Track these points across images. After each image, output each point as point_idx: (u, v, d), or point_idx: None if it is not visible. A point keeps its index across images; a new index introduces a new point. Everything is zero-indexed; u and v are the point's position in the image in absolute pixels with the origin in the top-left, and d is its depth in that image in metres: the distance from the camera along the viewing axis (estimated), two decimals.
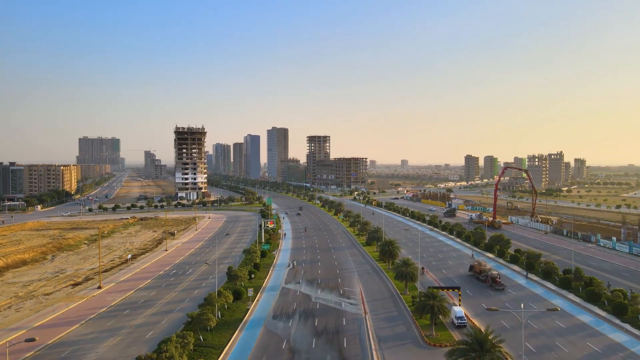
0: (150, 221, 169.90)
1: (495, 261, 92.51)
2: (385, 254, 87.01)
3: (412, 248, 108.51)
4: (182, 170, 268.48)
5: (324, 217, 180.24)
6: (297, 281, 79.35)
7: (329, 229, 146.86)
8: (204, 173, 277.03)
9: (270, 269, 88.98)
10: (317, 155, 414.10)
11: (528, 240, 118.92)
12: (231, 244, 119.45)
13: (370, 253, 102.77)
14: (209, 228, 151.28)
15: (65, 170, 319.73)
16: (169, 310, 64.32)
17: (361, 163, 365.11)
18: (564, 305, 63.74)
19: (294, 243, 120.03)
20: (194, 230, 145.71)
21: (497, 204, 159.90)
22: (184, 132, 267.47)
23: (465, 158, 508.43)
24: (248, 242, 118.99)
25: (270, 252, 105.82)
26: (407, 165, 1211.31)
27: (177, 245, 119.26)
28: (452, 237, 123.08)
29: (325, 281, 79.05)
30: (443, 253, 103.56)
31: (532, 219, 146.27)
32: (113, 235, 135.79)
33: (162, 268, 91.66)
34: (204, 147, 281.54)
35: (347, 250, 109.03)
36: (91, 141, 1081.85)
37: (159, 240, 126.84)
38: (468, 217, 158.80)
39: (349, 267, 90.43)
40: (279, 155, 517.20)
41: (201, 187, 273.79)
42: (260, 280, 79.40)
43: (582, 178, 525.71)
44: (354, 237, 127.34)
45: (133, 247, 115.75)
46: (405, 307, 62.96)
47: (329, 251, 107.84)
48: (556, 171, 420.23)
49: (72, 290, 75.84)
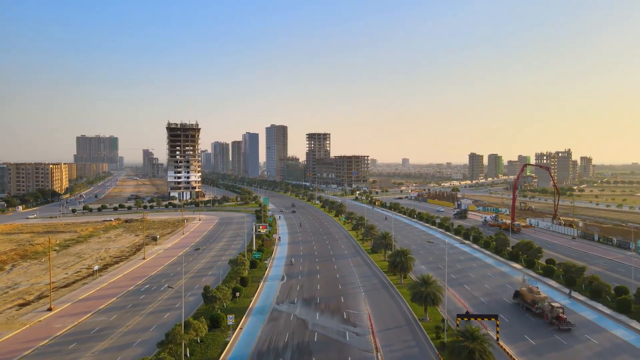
0: (135, 223, 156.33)
1: (524, 273, 78.97)
2: (397, 266, 73.29)
3: (425, 256, 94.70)
4: (175, 169, 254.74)
5: (323, 218, 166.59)
6: (291, 301, 65.66)
7: (329, 232, 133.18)
8: (198, 171, 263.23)
9: (260, 282, 75.42)
10: (317, 153, 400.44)
11: (555, 247, 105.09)
12: (219, 251, 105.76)
13: (377, 263, 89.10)
14: (198, 231, 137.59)
15: (54, 168, 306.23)
16: (125, 345, 50.57)
17: (362, 161, 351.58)
18: (632, 338, 50.09)
19: (290, 249, 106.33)
20: (180, 235, 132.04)
21: (509, 204, 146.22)
22: (176, 128, 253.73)
23: (469, 156, 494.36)
24: (239, 249, 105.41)
25: (263, 260, 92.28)
26: (408, 163, 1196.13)
27: (158, 252, 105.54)
28: (467, 243, 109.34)
29: (326, 300, 65.41)
30: (461, 263, 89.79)
31: (554, 222, 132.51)
32: (89, 240, 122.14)
33: (133, 282, 77.99)
34: (198, 144, 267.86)
35: (350, 258, 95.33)
36: (89, 140, 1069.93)
37: (139, 246, 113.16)
38: (482, 219, 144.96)
39: (353, 280, 76.78)
40: (277, 153, 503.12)
41: (195, 186, 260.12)
42: (246, 300, 65.69)
43: (588, 177, 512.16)
44: (358, 242, 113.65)
45: (107, 255, 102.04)
46: (428, 341, 49.23)
47: (329, 260, 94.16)
48: (564, 170, 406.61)
49: (17, 312, 62.17)
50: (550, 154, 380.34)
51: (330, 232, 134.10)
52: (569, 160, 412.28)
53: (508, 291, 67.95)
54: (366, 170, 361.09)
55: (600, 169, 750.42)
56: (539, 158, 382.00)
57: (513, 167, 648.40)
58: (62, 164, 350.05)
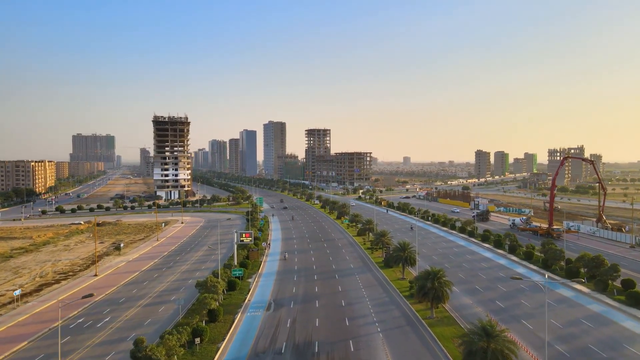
0: (108, 227, 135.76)
1: (592, 297, 58.53)
2: (427, 294, 52.35)
3: (453, 272, 73.92)
4: (162, 166, 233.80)
5: (324, 221, 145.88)
6: (276, 350, 44.97)
7: (331, 238, 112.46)
8: (188, 169, 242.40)
9: (238, 313, 54.88)
10: (316, 150, 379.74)
11: (612, 259, 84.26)
12: (194, 264, 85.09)
13: (394, 282, 68.47)
14: (176, 237, 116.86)
15: (36, 166, 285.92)
16: None
17: (364, 158, 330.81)
18: None
19: (282, 264, 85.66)
20: (153, 241, 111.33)
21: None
22: (163, 122, 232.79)
23: (476, 154, 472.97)
24: (219, 261, 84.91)
25: (246, 278, 71.79)
26: (410, 162, 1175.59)
27: (118, 266, 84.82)
28: (501, 253, 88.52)
29: (328, 348, 44.77)
30: (504, 283, 68.82)
31: (599, 225, 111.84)
32: (41, 249, 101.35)
33: (63, 314, 57.24)
34: (188, 139, 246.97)
35: (357, 275, 74.64)
36: (85, 138, 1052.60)
37: (98, 257, 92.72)
38: (509, 222, 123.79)
39: (365, 311, 56.05)
40: (275, 151, 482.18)
41: (184, 184, 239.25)
42: (210, 349, 44.97)
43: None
44: (366, 252, 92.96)
45: (52, 270, 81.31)
46: None
47: (331, 277, 73.48)
48: (577, 167, 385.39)
49: None
50: (563, 151, 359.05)
51: (331, 237, 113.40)
52: None
53: (594, 334, 47.35)
54: (369, 168, 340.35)
55: (608, 167, 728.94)
56: (551, 154, 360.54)
57: (519, 165, 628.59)
58: (46, 161, 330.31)
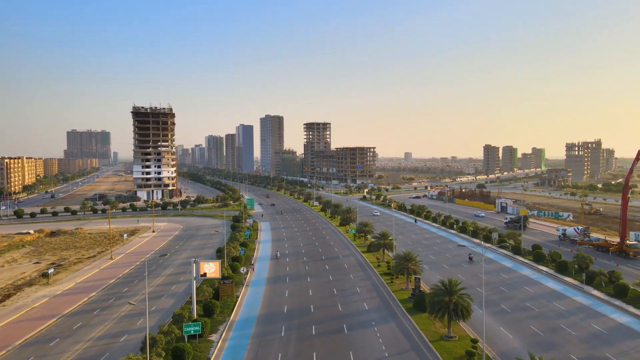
0: (61, 238, 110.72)
1: None
2: None
3: (541, 328, 48.92)
4: (143, 163, 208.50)
5: (324, 228, 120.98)
6: None
7: (334, 255, 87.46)
8: (172, 166, 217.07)
9: None
10: (315, 145, 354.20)
11: None
12: (141, 303, 59.88)
13: (438, 344, 43.60)
14: (136, 254, 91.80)
15: (12, 163, 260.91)
16: None
17: (367, 153, 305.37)
18: None
19: (267, 301, 60.75)
20: (106, 260, 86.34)
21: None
22: (144, 113, 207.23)
23: (484, 148, 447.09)
24: (182, 295, 60.19)
25: (210, 332, 47.11)
26: (411, 157, 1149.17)
27: (34, 305, 59.67)
28: (574, 285, 63.60)
29: None
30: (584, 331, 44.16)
31: None
32: None
33: None
34: (173, 133, 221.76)
35: (377, 326, 49.59)
36: (80, 134, 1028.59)
37: (18, 286, 67.95)
38: (558, 233, 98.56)
39: None
40: (273, 146, 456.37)
41: (168, 183, 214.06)
42: None
43: (612, 170, 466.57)
44: (382, 279, 68.03)
45: None
46: None
47: (338, 330, 48.49)
48: (594, 163, 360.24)
49: None
50: (581, 144, 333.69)
51: (334, 253, 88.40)
52: (599, 153, 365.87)
53: None
54: (372, 164, 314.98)
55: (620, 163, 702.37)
56: (569, 149, 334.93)
57: (527, 160, 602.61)
58: (24, 157, 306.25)
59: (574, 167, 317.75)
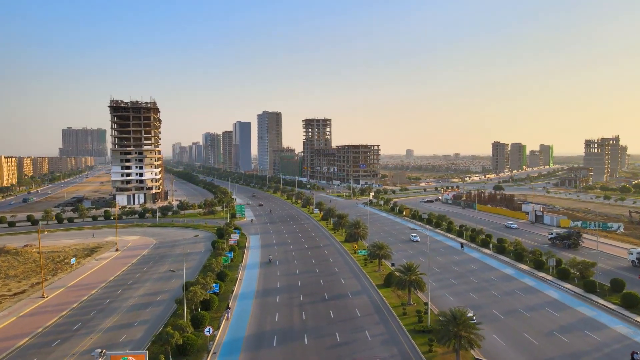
0: (4, 258, 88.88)
1: None
2: None
3: None
4: (122, 163, 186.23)
5: (326, 246, 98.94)
6: None
7: (341, 291, 65.43)
8: (157, 166, 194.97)
9: None
10: (315, 142, 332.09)
11: None
12: None
13: None
14: (79, 288, 69.72)
15: None
16: None
17: (371, 152, 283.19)
18: None
19: None
20: (35, 299, 64.36)
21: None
22: (124, 107, 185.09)
23: (493, 145, 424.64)
24: None
25: None
26: (413, 155, 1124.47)
27: None
28: None
29: None
30: None
31: None
32: None
33: None
34: (158, 130, 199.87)
35: None
36: (75, 132, 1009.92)
37: None
38: (630, 258, 76.49)
39: None
40: (270, 144, 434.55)
41: (151, 186, 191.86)
42: None
43: (626, 168, 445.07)
44: (408, 334, 46.10)
45: None
46: None
47: None
48: (614, 161, 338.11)
49: None
50: (601, 141, 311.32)
51: (341, 288, 66.32)
52: (618, 150, 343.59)
53: None
54: (376, 163, 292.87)
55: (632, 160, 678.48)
56: (588, 146, 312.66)
57: (535, 158, 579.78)
58: (2, 156, 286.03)
59: (596, 166, 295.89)
